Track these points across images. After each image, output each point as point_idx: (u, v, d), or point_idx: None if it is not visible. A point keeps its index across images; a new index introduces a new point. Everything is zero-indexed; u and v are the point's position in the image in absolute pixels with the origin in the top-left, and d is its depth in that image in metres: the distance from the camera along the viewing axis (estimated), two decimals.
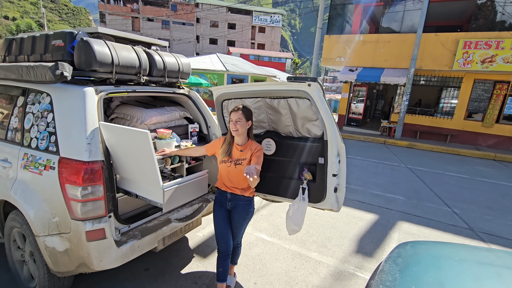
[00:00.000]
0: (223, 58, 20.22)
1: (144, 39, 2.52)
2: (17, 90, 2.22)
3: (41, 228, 1.81)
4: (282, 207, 4.12)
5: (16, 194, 1.92)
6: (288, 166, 2.43)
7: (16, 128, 2.13)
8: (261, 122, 2.52)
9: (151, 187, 1.80)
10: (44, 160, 1.84)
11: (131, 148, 1.73)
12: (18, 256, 2.21)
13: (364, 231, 3.62)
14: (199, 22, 42.36)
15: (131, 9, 40.09)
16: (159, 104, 2.82)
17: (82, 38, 1.91)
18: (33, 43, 2.30)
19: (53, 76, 1.72)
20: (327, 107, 2.04)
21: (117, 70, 2.06)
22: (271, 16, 44.00)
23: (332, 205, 2.27)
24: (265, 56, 38.05)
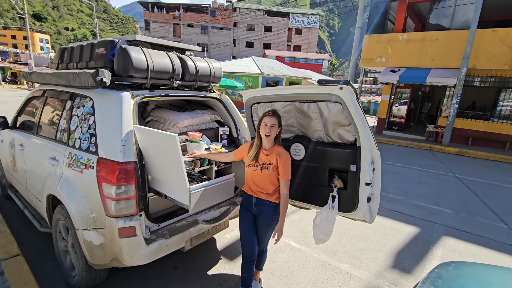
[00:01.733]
0: (258, 61, 20.39)
1: (177, 45, 2.61)
2: (66, 94, 2.44)
3: (80, 222, 1.95)
4: (312, 214, 3.96)
5: (61, 190, 2.10)
6: (318, 172, 2.34)
7: (64, 129, 2.34)
8: (290, 127, 2.46)
9: (179, 188, 1.85)
10: (85, 159, 1.99)
11: (161, 150, 1.80)
12: (62, 246, 2.42)
13: (403, 245, 3.35)
14: (236, 26, 43.35)
15: (173, 16, 42.46)
16: (191, 108, 2.90)
17: (121, 46, 2.04)
18: (80, 52, 2.51)
19: (94, 82, 1.85)
20: (360, 112, 1.91)
21: (152, 76, 2.16)
22: (308, 17, 43.40)
23: (364, 215, 2.13)
24: (301, 58, 37.61)
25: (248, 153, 2.14)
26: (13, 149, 3.18)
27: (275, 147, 2.06)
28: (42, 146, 2.56)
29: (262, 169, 2.04)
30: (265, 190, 2.08)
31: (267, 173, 2.03)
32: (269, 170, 2.02)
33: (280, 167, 2.00)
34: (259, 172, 2.06)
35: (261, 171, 2.05)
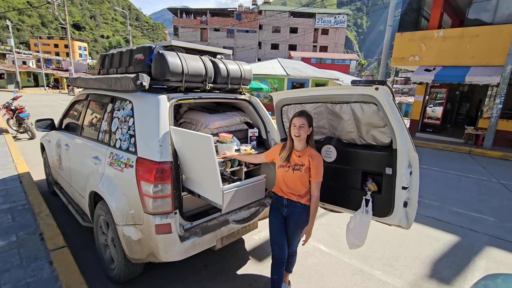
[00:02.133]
0: (284, 63, 20.33)
1: (210, 49, 2.69)
2: (107, 98, 2.60)
3: (120, 218, 2.07)
4: (341, 218, 3.89)
5: (103, 187, 2.24)
6: (350, 175, 2.28)
7: (105, 131, 2.49)
8: (321, 128, 2.42)
9: (212, 188, 1.89)
10: (125, 159, 2.11)
11: (196, 150, 1.86)
12: (103, 240, 2.57)
13: (441, 253, 3.16)
14: (261, 28, 43.60)
15: (200, 21, 43.69)
16: (221, 110, 2.96)
17: (158, 52, 2.14)
18: (120, 58, 2.67)
19: (134, 86, 1.96)
20: (397, 113, 1.84)
21: (186, 79, 2.24)
22: (335, 17, 42.54)
23: (400, 221, 2.04)
24: (328, 58, 36.92)
25: (279, 154, 2.14)
26: (59, 149, 3.44)
27: (308, 149, 2.05)
28: (86, 146, 2.75)
29: (294, 170, 2.03)
30: (297, 191, 2.06)
31: (299, 174, 2.02)
32: (301, 172, 2.01)
33: (312, 168, 1.98)
34: (291, 173, 2.05)
35: (293, 172, 2.04)
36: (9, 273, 2.31)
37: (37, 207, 3.48)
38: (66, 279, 2.25)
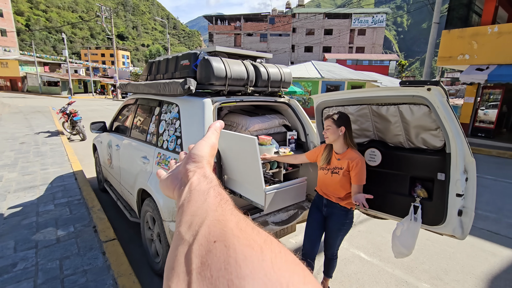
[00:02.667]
0: (318, 65, 19.99)
1: (251, 53, 2.74)
2: (155, 102, 2.78)
3: (167, 214, 2.19)
4: (383, 225, 3.70)
5: (151, 185, 2.39)
6: (396, 180, 2.17)
7: (153, 132, 2.66)
8: (365, 131, 2.34)
9: (255, 189, 1.92)
10: (172, 159, 2.23)
11: (239, 152, 1.90)
12: (149, 235, 2.74)
13: (499, 270, 2.86)
14: (295, 31, 43.39)
15: (234, 27, 44.72)
16: (260, 112, 3.00)
17: (204, 57, 2.24)
18: (167, 64, 2.84)
19: (182, 90, 2.07)
20: (452, 115, 1.72)
21: (229, 83, 2.32)
22: (373, 16, 40.90)
23: (454, 230, 1.89)
24: (365, 59, 35.53)
25: (321, 155, 2.14)
26: (110, 149, 3.74)
27: (348, 151, 2.01)
28: (135, 146, 2.95)
29: (333, 173, 2.02)
30: (336, 194, 2.05)
31: (337, 178, 1.99)
32: (339, 175, 1.99)
33: (352, 171, 1.95)
34: (329, 176, 2.03)
35: (331, 175, 2.02)
36: (69, 260, 2.55)
37: (90, 202, 3.81)
38: (118, 269, 2.43)
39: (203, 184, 0.35)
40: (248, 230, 0.26)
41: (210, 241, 0.25)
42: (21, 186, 4.31)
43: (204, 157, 0.41)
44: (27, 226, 3.12)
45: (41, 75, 35.77)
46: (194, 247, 0.25)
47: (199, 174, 0.37)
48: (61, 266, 2.45)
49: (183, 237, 0.27)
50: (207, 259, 0.24)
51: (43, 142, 7.68)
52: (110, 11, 28.58)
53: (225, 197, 0.32)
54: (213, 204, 0.30)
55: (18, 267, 2.42)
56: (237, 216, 0.29)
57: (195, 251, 0.25)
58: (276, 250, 0.24)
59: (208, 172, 0.38)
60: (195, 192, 0.33)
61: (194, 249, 0.25)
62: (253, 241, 0.25)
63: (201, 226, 0.27)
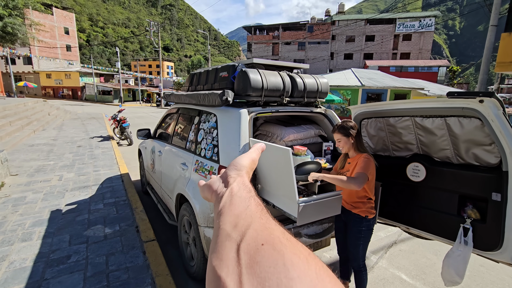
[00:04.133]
0: (359, 73, 19.32)
1: (288, 64, 2.77)
2: (195, 111, 2.93)
3: (202, 220, 2.27)
4: (428, 245, 3.41)
5: (189, 191, 2.50)
6: (443, 198, 2.01)
7: (192, 141, 2.80)
8: (408, 144, 2.21)
9: (288, 200, 1.91)
10: (209, 166, 2.33)
11: (273, 162, 1.92)
12: (185, 239, 2.85)
13: None
14: (334, 39, 42.63)
15: (272, 36, 45.35)
16: (296, 123, 3.00)
17: (242, 69, 2.32)
18: (207, 76, 2.99)
19: (220, 101, 2.16)
20: (509, 129, 1.56)
21: (265, 94, 2.36)
22: (420, 20, 38.58)
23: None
24: (410, 66, 33.51)
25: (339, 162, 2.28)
26: (153, 155, 4.00)
27: (358, 155, 2.07)
28: (175, 153, 3.13)
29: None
30: (347, 199, 2.12)
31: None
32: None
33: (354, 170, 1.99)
34: None
35: None
36: (114, 256, 2.76)
37: (134, 203, 4.10)
38: (156, 269, 2.56)
39: (243, 191, 0.37)
40: (293, 241, 0.28)
41: (258, 243, 0.27)
42: (77, 186, 4.80)
43: (245, 167, 0.44)
44: (80, 222, 3.45)
45: (97, 85, 39.76)
46: (242, 245, 0.28)
47: (239, 182, 0.40)
48: (107, 262, 2.66)
49: (229, 234, 0.30)
50: (255, 257, 0.26)
51: (96, 146, 8.48)
52: (158, 25, 30.92)
53: (265, 209, 0.34)
54: (256, 212, 0.33)
55: (72, 259, 2.68)
56: (281, 227, 0.31)
57: (244, 248, 0.27)
58: (319, 264, 0.26)
59: (247, 181, 0.41)
60: (236, 198, 0.36)
61: (243, 246, 0.27)
62: (299, 251, 0.27)
63: (248, 229, 0.30)
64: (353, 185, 1.87)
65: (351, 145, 2.09)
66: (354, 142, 2.08)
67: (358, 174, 1.91)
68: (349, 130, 2.08)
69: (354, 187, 1.87)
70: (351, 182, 1.88)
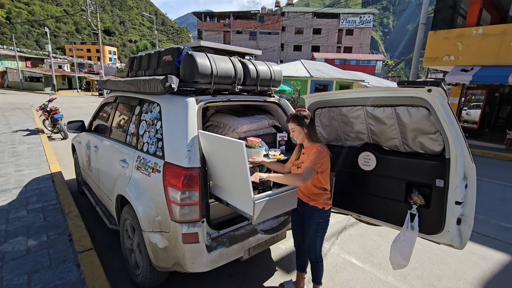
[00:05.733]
0: (307, 64, 19.98)
1: (239, 49, 2.58)
2: (135, 100, 2.57)
3: (147, 224, 2.00)
4: (374, 229, 3.63)
5: (130, 191, 2.19)
6: (391, 185, 2.07)
7: (133, 133, 2.46)
8: (359, 133, 2.23)
9: (243, 197, 1.77)
10: (152, 163, 2.05)
11: (226, 157, 1.74)
12: (129, 245, 2.54)
13: (490, 274, 2.82)
14: (284, 30, 43.39)
15: (223, 24, 44.27)
16: (249, 113, 2.85)
17: (187, 52, 2.06)
18: (148, 60, 2.64)
19: (163, 88, 1.89)
20: (453, 118, 1.62)
21: (215, 81, 2.15)
22: (360, 17, 41.35)
23: (452, 240, 1.81)
24: (352, 59, 35.91)
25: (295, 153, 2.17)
26: (88, 150, 3.50)
27: (312, 145, 2.00)
28: (114, 148, 2.74)
29: (298, 168, 2.03)
30: (305, 191, 2.06)
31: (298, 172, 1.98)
32: (301, 169, 1.97)
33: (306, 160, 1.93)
34: (296, 171, 2.06)
35: (297, 169, 2.03)
36: (39, 274, 2.32)
37: (67, 207, 3.56)
38: (93, 283, 2.22)
39: None
40: None
41: None
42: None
43: None
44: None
45: (22, 70, 34.26)
46: None
47: None
48: (29, 282, 2.22)
49: None
50: None
51: (20, 141, 7.25)
52: (96, 5, 27.64)
53: None
54: None
55: None
56: None
57: None
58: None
59: None
60: None
61: None
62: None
63: None
64: (298, 182, 1.82)
65: (305, 135, 2.02)
66: (308, 132, 2.01)
67: (305, 169, 1.85)
68: (303, 120, 1.99)
69: (299, 184, 1.82)
70: (295, 179, 1.82)
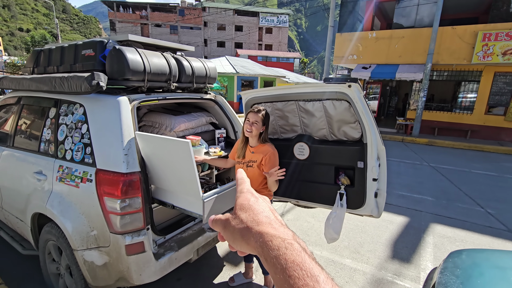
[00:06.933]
0: (233, 61, 20.21)
1: (171, 44, 2.47)
2: (48, 101, 2.20)
3: (79, 242, 1.77)
4: (307, 211, 4.02)
5: (52, 207, 1.89)
6: (323, 170, 2.34)
7: (49, 140, 2.11)
8: (293, 126, 2.43)
9: (190, 197, 1.74)
10: (81, 172, 1.81)
11: (170, 158, 1.68)
12: (53, 269, 2.19)
13: (397, 235, 3.48)
14: (206, 25, 42.69)
15: (140, 16, 40.77)
16: (184, 111, 2.77)
17: (114, 47, 1.88)
18: (62, 54, 2.29)
19: (89, 87, 1.68)
20: (367, 109, 1.94)
21: (149, 78, 2.02)
22: (277, 16, 43.90)
23: (372, 211, 2.17)
24: (273, 56, 37.91)
25: (237, 149, 2.19)
26: None
27: (261, 145, 2.08)
28: (22, 159, 2.30)
29: (248, 166, 2.08)
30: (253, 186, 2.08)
31: (251, 171, 2.06)
32: (253, 168, 2.08)
33: (265, 164, 2.02)
34: (244, 169, 2.05)
35: (246, 168, 2.07)
36: None
37: None
38: None
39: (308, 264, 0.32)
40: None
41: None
42: None
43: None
44: None
45: None
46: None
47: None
48: None
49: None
50: None
51: None
52: None
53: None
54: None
55: None
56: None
57: None
58: None
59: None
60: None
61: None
62: None
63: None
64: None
65: (261, 133, 2.04)
66: (264, 132, 2.05)
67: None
68: (268, 119, 2.05)
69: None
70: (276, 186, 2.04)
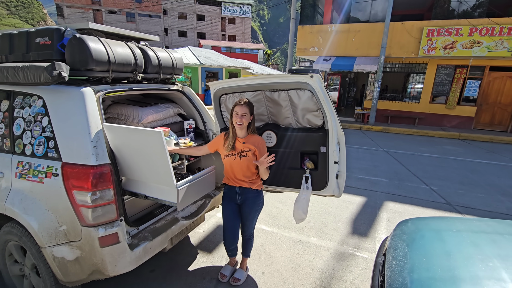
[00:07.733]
0: (196, 51, 19.67)
1: (135, 34, 2.40)
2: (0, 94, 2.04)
3: (47, 239, 1.72)
4: (275, 197, 4.21)
5: (13, 205, 1.80)
6: (290, 156, 2.49)
7: (4, 135, 1.97)
8: (261, 115, 2.54)
9: (164, 187, 1.77)
10: (44, 167, 1.74)
11: (142, 148, 1.69)
12: (16, 271, 2.08)
13: (356, 213, 3.82)
14: (166, 14, 40.71)
15: (91, 1, 37.48)
16: (151, 102, 2.73)
17: (75, 36, 1.80)
18: (10, 42, 2.12)
19: (50, 77, 1.61)
20: (328, 98, 2.11)
21: (114, 68, 1.97)
22: (240, 7, 43.38)
23: (334, 191, 2.38)
24: (237, 48, 37.60)
25: (224, 144, 2.18)
26: None
27: (250, 135, 2.16)
28: None
29: (241, 157, 2.12)
30: (247, 177, 2.16)
31: (246, 160, 2.11)
32: (248, 157, 2.12)
33: (259, 154, 2.10)
34: (238, 160, 2.12)
35: (240, 159, 2.12)
36: None
37: None
38: None
39: None
40: None
41: None
42: None
43: None
44: None
45: None
46: None
47: None
48: None
49: None
50: None
51: None
52: None
53: None
54: None
55: None
56: None
57: None
58: None
59: None
60: None
61: None
62: None
63: None
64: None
65: (248, 124, 2.12)
66: (252, 122, 2.13)
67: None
68: (253, 108, 2.13)
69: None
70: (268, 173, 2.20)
